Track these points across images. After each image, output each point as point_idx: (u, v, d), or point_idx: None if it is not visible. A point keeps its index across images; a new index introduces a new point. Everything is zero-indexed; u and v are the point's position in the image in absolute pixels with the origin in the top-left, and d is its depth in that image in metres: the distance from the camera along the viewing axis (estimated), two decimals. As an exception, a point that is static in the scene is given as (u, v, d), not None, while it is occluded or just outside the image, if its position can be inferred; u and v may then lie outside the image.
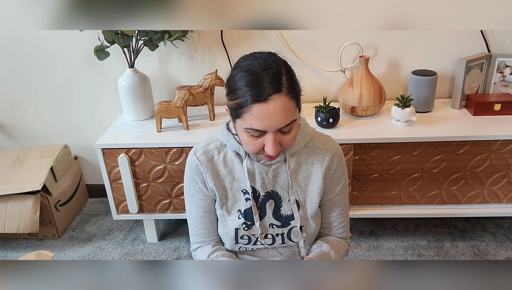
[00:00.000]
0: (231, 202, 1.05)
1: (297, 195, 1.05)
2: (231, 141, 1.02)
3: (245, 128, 0.89)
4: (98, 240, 2.03)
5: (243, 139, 0.92)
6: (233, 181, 1.04)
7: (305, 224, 1.06)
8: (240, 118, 0.90)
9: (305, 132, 1.04)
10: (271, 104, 0.86)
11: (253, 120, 0.87)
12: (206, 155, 1.04)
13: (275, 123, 0.87)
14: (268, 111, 0.86)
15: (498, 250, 1.82)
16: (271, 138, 0.89)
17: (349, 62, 1.95)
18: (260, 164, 1.02)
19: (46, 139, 2.24)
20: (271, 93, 0.86)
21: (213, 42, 1.94)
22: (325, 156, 1.04)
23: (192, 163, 1.05)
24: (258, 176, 1.03)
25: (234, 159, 1.03)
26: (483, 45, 1.87)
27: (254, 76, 0.87)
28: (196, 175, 1.04)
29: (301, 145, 1.03)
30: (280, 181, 1.04)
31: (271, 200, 1.05)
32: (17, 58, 2.04)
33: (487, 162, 1.67)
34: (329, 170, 1.04)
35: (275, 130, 0.89)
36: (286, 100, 0.88)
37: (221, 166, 1.04)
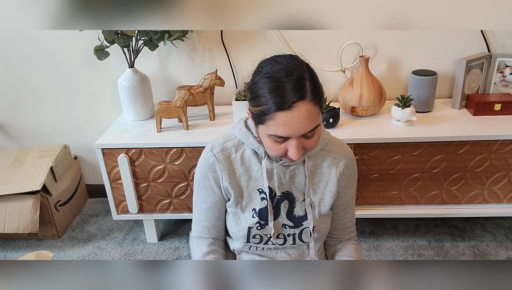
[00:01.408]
0: (246, 200, 1.05)
1: (311, 196, 1.06)
2: (250, 140, 1.02)
3: (268, 134, 0.90)
4: (98, 240, 2.03)
5: (266, 144, 0.93)
6: (249, 180, 1.04)
7: (317, 224, 1.06)
8: (263, 124, 0.89)
9: (322, 135, 1.04)
10: (295, 112, 0.85)
11: (277, 127, 0.87)
12: (223, 153, 1.03)
13: (299, 130, 0.87)
14: (292, 119, 0.85)
15: (498, 250, 1.82)
16: (295, 144, 0.89)
17: (349, 62, 1.95)
18: (279, 164, 1.02)
19: (46, 139, 2.24)
20: (295, 100, 0.85)
21: (213, 42, 1.94)
22: (340, 161, 1.05)
23: (208, 160, 1.04)
24: (276, 176, 1.03)
25: (251, 157, 1.03)
26: (483, 45, 1.87)
27: (277, 82, 0.86)
28: (210, 172, 1.04)
29: (318, 148, 1.04)
30: (296, 182, 1.04)
31: (286, 200, 1.05)
32: (17, 58, 2.04)
33: (487, 162, 1.67)
34: (343, 175, 1.06)
35: (299, 136, 0.89)
36: (310, 106, 0.87)
37: (238, 164, 1.03)
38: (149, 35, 1.72)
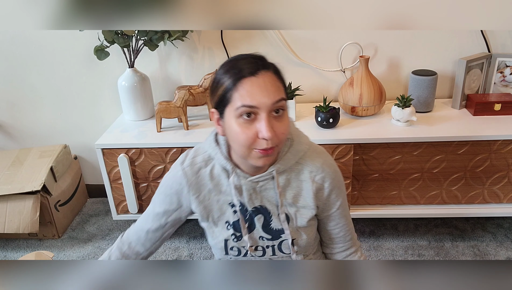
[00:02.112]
0: (218, 214, 1.03)
1: (286, 209, 1.02)
2: (218, 156, 0.99)
3: (236, 108, 0.85)
4: (98, 240, 2.02)
5: (235, 131, 0.88)
6: (219, 195, 1.02)
7: (296, 236, 1.03)
8: (229, 103, 0.87)
9: (297, 148, 0.99)
10: (260, 78, 0.85)
11: (243, 96, 0.84)
12: (192, 168, 1.01)
13: (267, 96, 0.84)
14: (258, 84, 0.85)
15: (498, 250, 1.82)
16: (265, 118, 0.85)
17: (349, 62, 1.95)
18: (248, 181, 0.98)
19: (46, 139, 2.24)
20: (260, 68, 0.86)
21: (213, 42, 1.94)
22: (317, 175, 0.99)
23: (176, 172, 1.03)
24: (246, 192, 1.00)
25: (221, 173, 1.00)
26: (483, 45, 1.87)
27: (235, 60, 0.88)
28: (175, 184, 1.03)
29: (292, 162, 0.99)
30: (268, 195, 1.01)
31: (260, 215, 1.02)
32: (17, 58, 2.04)
33: (487, 162, 1.67)
34: (321, 191, 1.01)
35: (268, 108, 0.85)
36: (275, 78, 0.87)
37: (207, 179, 1.01)
38: (149, 35, 1.72)
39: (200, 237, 1.99)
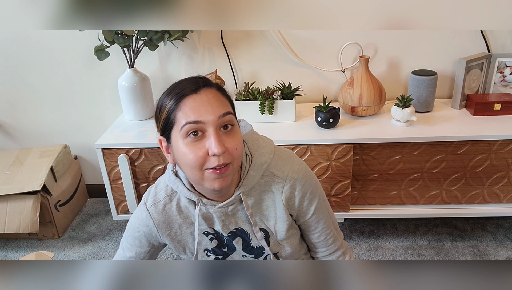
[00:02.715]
0: (194, 245, 1.01)
1: (263, 225, 0.99)
2: (180, 188, 0.95)
3: (181, 128, 0.82)
4: (98, 240, 2.03)
5: (184, 153, 0.83)
6: (192, 226, 0.98)
7: (279, 249, 1.02)
8: (174, 124, 0.83)
9: (258, 163, 0.94)
10: (203, 94, 0.83)
11: (187, 114, 0.81)
12: (156, 206, 0.97)
13: (211, 111, 0.81)
14: (201, 100, 0.82)
15: (498, 250, 1.82)
16: (213, 133, 0.81)
17: (349, 62, 1.95)
18: (216, 208, 0.95)
19: (46, 139, 2.24)
20: (201, 86, 0.84)
21: (213, 42, 1.95)
22: (285, 185, 0.95)
23: (141, 214, 0.99)
24: (217, 219, 0.96)
25: (188, 205, 0.97)
26: (483, 45, 1.87)
27: (177, 83, 0.87)
28: (142, 226, 0.99)
29: (257, 178, 0.94)
30: (242, 217, 0.97)
31: (238, 237, 1.00)
32: (17, 58, 2.04)
33: (487, 162, 1.67)
34: (292, 199, 0.97)
35: (214, 123, 0.81)
36: (219, 94, 0.85)
37: (175, 214, 0.98)
38: (149, 35, 1.72)
39: (200, 237, 1.99)
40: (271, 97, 1.76)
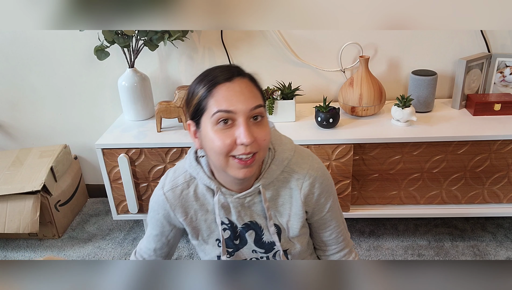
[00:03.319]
0: (207, 233, 1.02)
1: (277, 220, 1.00)
2: (200, 175, 0.95)
3: (212, 115, 0.83)
4: (98, 240, 2.03)
5: (212, 139, 0.84)
6: (207, 214, 1.00)
7: (289, 247, 1.03)
8: (205, 111, 0.84)
9: (280, 158, 0.96)
10: (236, 84, 0.83)
11: (219, 102, 0.82)
12: (173, 191, 0.98)
13: (243, 101, 0.82)
14: (234, 89, 0.83)
15: (498, 250, 1.82)
16: (243, 123, 0.82)
17: (349, 62, 1.95)
18: (234, 198, 0.96)
19: (46, 139, 2.24)
20: (235, 75, 0.85)
21: (213, 42, 1.95)
22: (304, 182, 0.97)
23: (158, 197, 1.00)
24: (234, 209, 0.97)
25: (205, 193, 0.98)
26: (483, 45, 1.87)
27: (210, 70, 0.87)
28: (160, 209, 1.01)
29: (278, 172, 0.96)
30: (257, 210, 0.99)
31: (251, 230, 1.01)
32: (17, 58, 2.04)
33: (487, 162, 1.67)
34: (310, 196, 0.98)
35: (245, 113, 0.82)
36: (251, 85, 0.86)
37: (192, 200, 0.99)
38: (149, 35, 1.72)
39: (200, 237, 1.99)
40: (271, 97, 1.76)
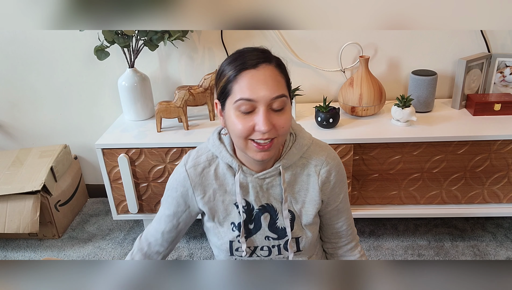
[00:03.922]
0: (223, 215, 1.03)
1: (292, 207, 1.02)
2: (223, 154, 0.98)
3: (235, 101, 0.86)
4: (98, 240, 2.03)
5: (233, 122, 0.88)
6: (225, 195, 1.01)
7: (301, 234, 1.04)
8: (230, 95, 0.87)
9: (301, 143, 1.00)
10: (260, 71, 0.85)
11: (243, 89, 0.85)
12: (195, 169, 1.00)
13: (265, 90, 0.84)
14: (258, 77, 0.85)
15: (498, 250, 1.82)
16: (263, 112, 0.85)
17: (349, 62, 1.95)
18: (254, 177, 0.98)
19: (46, 139, 2.24)
20: (261, 62, 0.86)
21: (213, 42, 1.95)
22: (322, 168, 1.00)
23: (180, 174, 1.02)
24: (252, 189, 0.99)
25: (226, 172, 0.99)
26: (483, 45, 1.87)
27: (239, 53, 0.89)
28: (180, 186, 1.02)
29: (297, 157, 0.99)
30: (274, 194, 1.01)
31: (266, 213, 1.02)
32: (17, 58, 2.04)
33: (487, 162, 1.67)
34: (326, 183, 1.01)
35: (266, 102, 0.85)
36: (276, 72, 0.87)
37: (212, 179, 1.00)
38: (149, 35, 1.72)
39: (200, 237, 1.99)
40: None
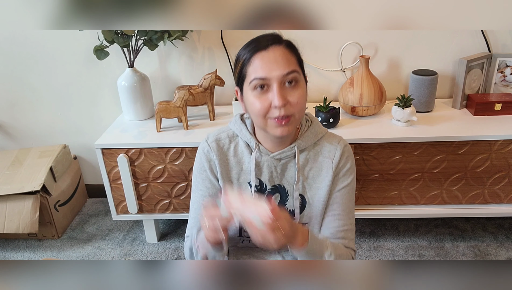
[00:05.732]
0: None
1: (305, 192, 1.04)
2: (243, 132, 1.04)
3: (250, 82, 0.93)
4: (97, 241, 2.02)
5: (251, 102, 0.94)
6: (240, 172, 1.05)
7: (308, 221, 1.05)
8: (245, 78, 0.94)
9: (316, 130, 1.05)
10: (270, 52, 0.93)
11: (256, 69, 0.92)
12: (217, 143, 1.05)
13: (277, 68, 0.91)
14: (268, 58, 0.92)
15: (499, 250, 1.81)
16: (276, 87, 0.91)
17: (350, 62, 1.95)
18: (270, 157, 1.02)
19: (45, 139, 2.24)
20: (270, 43, 0.94)
21: (213, 42, 1.94)
22: (336, 152, 1.04)
23: (203, 149, 1.06)
24: (266, 169, 1.03)
25: (244, 150, 1.04)
26: (484, 45, 1.87)
27: (253, 39, 0.98)
28: (206, 161, 1.05)
29: (312, 142, 1.04)
30: (288, 175, 1.04)
31: (277, 193, 1.05)
32: (17, 58, 2.04)
33: (487, 162, 1.66)
34: (339, 166, 1.04)
35: (278, 79, 0.91)
36: (287, 51, 0.95)
37: (231, 155, 1.05)
38: (149, 35, 1.72)
39: (200, 237, 1.99)
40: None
